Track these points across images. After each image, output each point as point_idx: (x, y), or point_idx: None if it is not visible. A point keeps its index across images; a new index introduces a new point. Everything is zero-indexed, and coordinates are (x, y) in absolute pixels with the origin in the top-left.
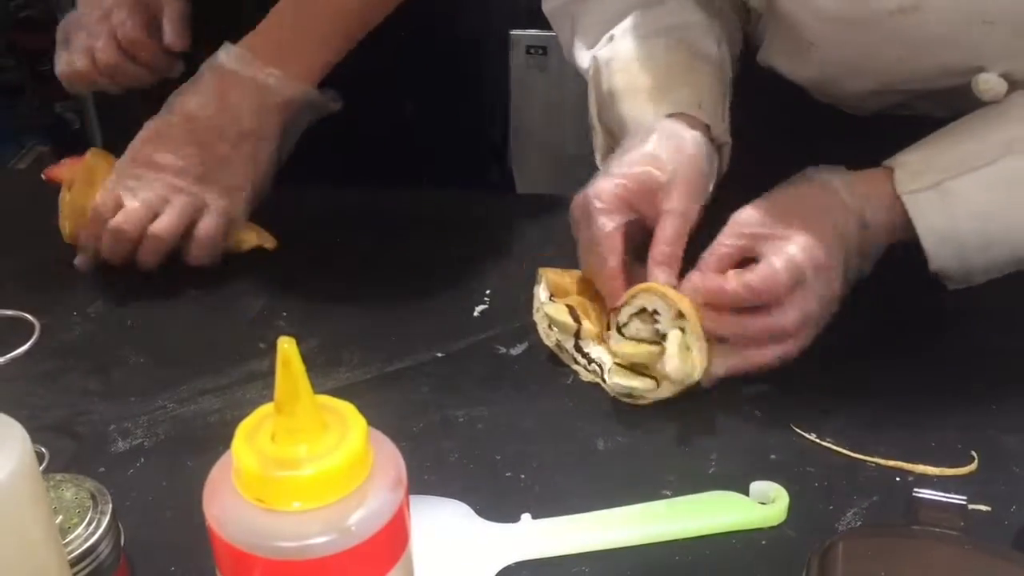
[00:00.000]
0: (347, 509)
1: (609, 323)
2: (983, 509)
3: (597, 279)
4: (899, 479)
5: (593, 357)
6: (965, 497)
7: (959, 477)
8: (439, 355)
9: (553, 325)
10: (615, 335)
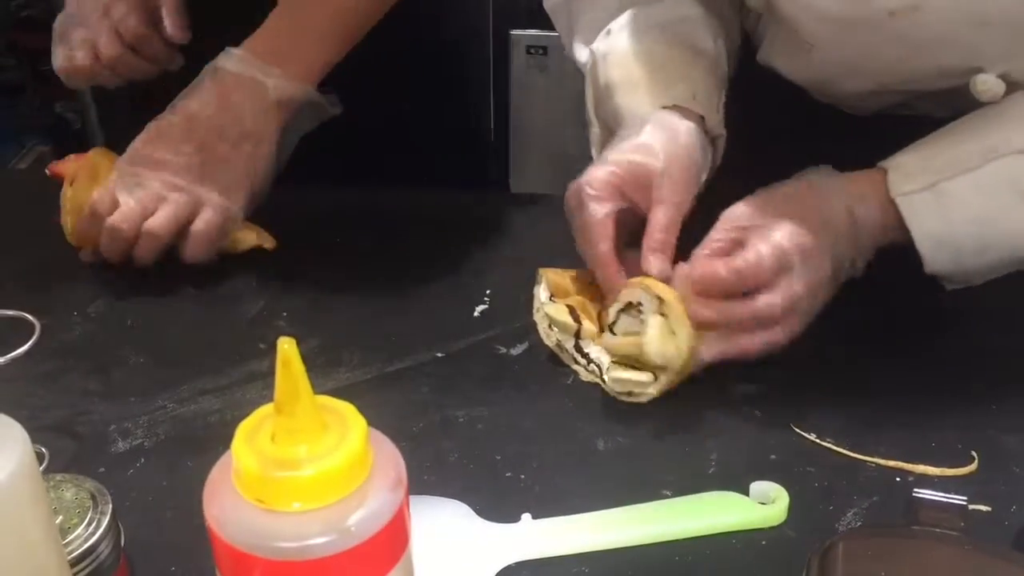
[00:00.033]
0: (347, 509)
1: (601, 324)
2: (983, 509)
3: (591, 266)
4: (899, 479)
5: (592, 357)
6: (965, 497)
7: (959, 477)
8: (439, 355)
9: (553, 325)
10: (606, 333)
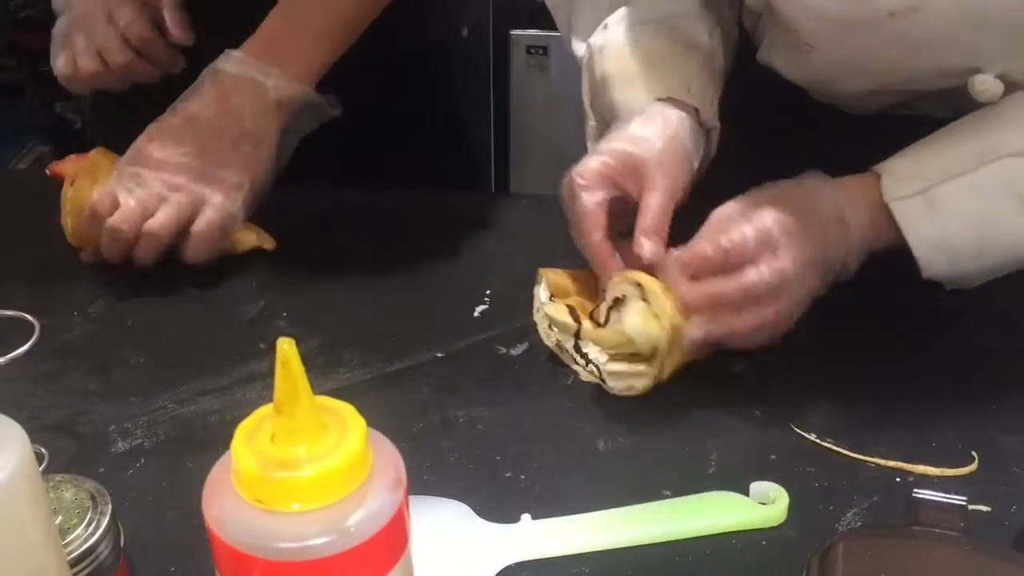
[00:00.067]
0: (347, 510)
1: (595, 324)
2: (983, 509)
3: (586, 254)
4: (899, 479)
5: (592, 357)
6: (965, 497)
7: (959, 477)
8: (439, 355)
9: (553, 325)
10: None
